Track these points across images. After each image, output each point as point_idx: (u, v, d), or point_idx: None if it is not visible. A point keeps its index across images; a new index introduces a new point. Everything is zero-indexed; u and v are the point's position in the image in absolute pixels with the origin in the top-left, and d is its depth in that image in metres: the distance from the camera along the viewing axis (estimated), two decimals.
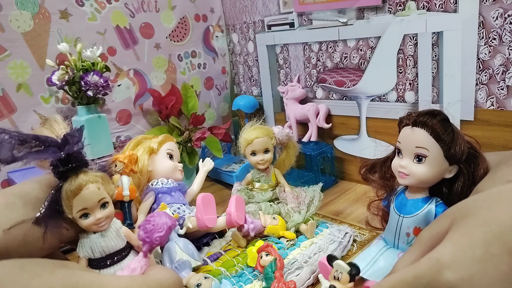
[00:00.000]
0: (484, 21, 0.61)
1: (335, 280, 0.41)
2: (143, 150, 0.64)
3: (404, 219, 0.49)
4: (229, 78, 1.12)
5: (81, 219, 0.44)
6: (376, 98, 0.78)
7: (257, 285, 0.50)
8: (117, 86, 0.88)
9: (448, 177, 0.47)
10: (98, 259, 0.46)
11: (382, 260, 0.50)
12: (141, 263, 0.41)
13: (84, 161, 0.44)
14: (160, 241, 0.41)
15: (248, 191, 0.70)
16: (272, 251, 0.50)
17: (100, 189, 0.45)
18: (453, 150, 0.45)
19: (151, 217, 0.42)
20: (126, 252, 0.48)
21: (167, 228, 0.41)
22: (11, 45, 0.72)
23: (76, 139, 0.43)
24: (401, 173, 0.48)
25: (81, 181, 0.43)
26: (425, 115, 0.46)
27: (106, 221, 0.46)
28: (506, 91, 0.61)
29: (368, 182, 0.57)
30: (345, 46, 0.80)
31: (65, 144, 0.42)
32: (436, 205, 0.47)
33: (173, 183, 0.65)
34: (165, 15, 0.95)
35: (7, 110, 0.74)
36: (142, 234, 0.41)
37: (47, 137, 0.42)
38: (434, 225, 0.36)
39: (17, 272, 0.32)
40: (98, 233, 0.46)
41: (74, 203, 0.43)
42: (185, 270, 0.50)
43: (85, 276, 0.34)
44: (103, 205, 0.45)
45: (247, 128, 0.68)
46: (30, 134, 0.40)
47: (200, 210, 0.56)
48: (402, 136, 0.48)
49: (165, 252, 0.54)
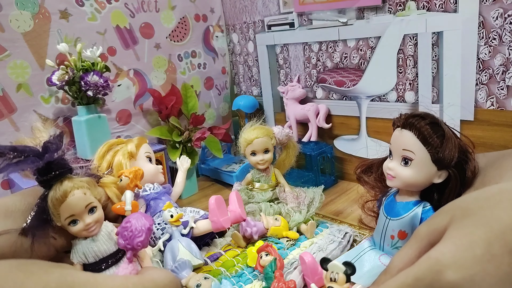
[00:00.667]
0: (484, 21, 0.61)
1: (331, 281, 0.40)
2: (122, 155, 0.62)
3: (390, 221, 0.49)
4: (229, 78, 1.12)
5: (70, 226, 0.44)
6: (376, 98, 0.78)
7: (257, 285, 0.50)
8: (117, 86, 0.88)
9: (437, 182, 0.45)
10: (93, 264, 0.45)
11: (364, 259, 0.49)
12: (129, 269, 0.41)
13: (67, 167, 0.44)
14: (142, 245, 0.40)
15: (248, 191, 0.70)
16: (271, 251, 0.50)
17: (86, 194, 0.44)
18: (441, 154, 0.43)
19: (127, 222, 0.41)
20: (121, 254, 0.48)
21: (146, 231, 0.40)
22: (11, 45, 0.72)
23: (55, 146, 0.42)
24: (389, 175, 0.47)
25: (66, 188, 0.42)
26: (414, 117, 0.45)
27: (95, 226, 0.45)
28: (506, 91, 0.61)
29: (361, 182, 0.57)
30: (345, 46, 0.80)
31: (45, 153, 0.42)
32: (423, 210, 0.46)
33: (159, 187, 0.64)
34: (165, 15, 0.95)
35: (7, 110, 0.74)
36: (122, 242, 0.40)
37: (25, 146, 0.41)
38: (432, 221, 0.35)
39: (13, 271, 0.32)
40: (89, 238, 0.45)
41: (61, 211, 0.43)
42: (186, 270, 0.50)
43: (80, 275, 0.34)
44: (91, 210, 0.45)
45: (247, 128, 0.68)
46: (8, 145, 0.40)
47: (216, 213, 0.56)
48: (392, 138, 0.47)
49: (168, 251, 0.54)
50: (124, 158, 0.62)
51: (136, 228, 0.40)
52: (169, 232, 0.56)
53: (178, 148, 0.86)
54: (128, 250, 0.40)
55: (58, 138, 0.44)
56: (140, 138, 0.68)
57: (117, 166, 0.61)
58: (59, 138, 0.44)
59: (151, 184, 0.64)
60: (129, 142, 0.65)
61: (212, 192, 0.90)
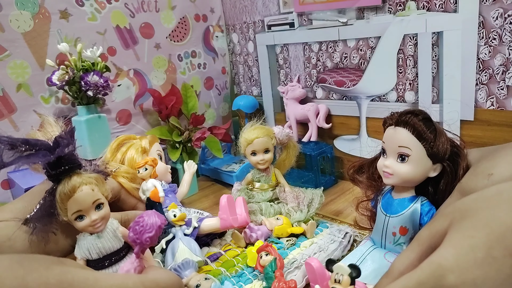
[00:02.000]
0: (484, 21, 0.61)
1: (336, 283, 0.40)
2: (135, 150, 0.64)
3: (390, 218, 0.49)
4: (229, 78, 1.12)
5: (76, 221, 0.44)
6: (376, 98, 0.78)
7: (257, 285, 0.50)
8: (117, 86, 0.88)
9: (432, 175, 0.47)
10: (96, 260, 0.46)
11: (370, 260, 0.50)
12: (134, 264, 0.41)
13: (77, 163, 0.44)
14: (151, 241, 0.41)
15: (248, 191, 0.70)
16: (271, 250, 0.50)
17: (94, 191, 0.44)
18: (435, 148, 0.45)
19: (140, 218, 0.42)
20: (124, 252, 0.48)
21: (156, 228, 0.41)
22: (11, 45, 0.72)
23: (66, 141, 0.43)
24: (386, 173, 0.48)
25: (75, 183, 0.43)
26: (407, 114, 0.46)
27: (101, 222, 0.45)
28: (506, 91, 0.61)
29: (355, 182, 0.57)
30: (345, 46, 0.80)
31: (56, 147, 0.42)
32: (422, 204, 0.48)
33: (166, 185, 0.64)
34: (165, 15, 0.95)
35: (7, 110, 0.74)
36: (132, 235, 0.41)
37: (37, 140, 0.42)
38: (433, 224, 0.36)
39: (14, 267, 0.32)
40: (95, 234, 0.46)
41: (68, 206, 0.43)
42: (189, 269, 0.50)
43: (80, 273, 0.35)
44: (98, 206, 0.45)
45: (247, 128, 0.68)
46: (20, 138, 0.40)
47: (226, 211, 0.56)
48: (386, 136, 0.48)
49: (169, 250, 0.54)
50: (137, 153, 0.63)
51: (147, 224, 0.41)
52: (173, 232, 0.56)
53: (178, 148, 0.87)
54: (136, 244, 0.41)
55: (70, 133, 0.44)
56: (153, 136, 0.69)
57: (129, 160, 0.63)
58: (71, 133, 0.44)
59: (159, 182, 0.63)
60: (143, 138, 0.66)
61: (212, 192, 0.90)
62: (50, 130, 0.45)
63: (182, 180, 0.70)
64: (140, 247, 0.41)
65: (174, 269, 0.50)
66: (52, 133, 0.44)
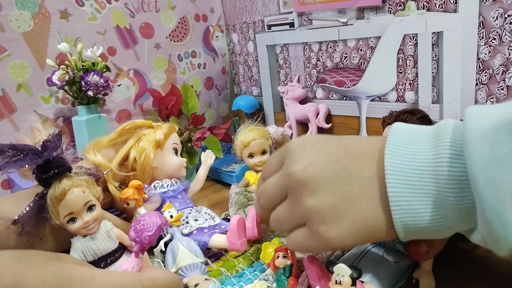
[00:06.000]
0: (484, 21, 0.61)
1: (337, 284, 0.40)
2: (148, 143, 0.59)
3: None
4: (229, 78, 1.12)
5: (68, 224, 0.44)
6: (376, 98, 0.79)
7: (258, 285, 0.50)
8: (117, 86, 0.88)
9: None
10: (92, 262, 0.46)
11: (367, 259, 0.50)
12: (133, 263, 0.41)
13: (66, 165, 0.44)
14: (150, 240, 0.41)
15: (246, 193, 0.69)
16: (291, 255, 0.48)
17: (85, 192, 0.45)
18: None
19: (141, 217, 0.43)
20: (119, 253, 0.48)
21: (157, 228, 0.42)
22: (11, 45, 0.72)
23: (53, 145, 0.43)
24: None
25: (65, 186, 0.43)
26: (405, 113, 0.47)
27: (94, 224, 0.46)
28: (506, 91, 0.61)
29: None
30: (345, 46, 0.80)
31: (44, 151, 0.42)
32: None
33: (176, 184, 0.61)
34: (165, 15, 0.95)
35: (7, 110, 0.74)
36: (133, 234, 0.42)
37: (24, 145, 0.42)
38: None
39: (12, 263, 0.32)
40: (88, 236, 0.46)
41: (60, 209, 0.43)
42: (194, 272, 0.49)
43: (78, 269, 0.35)
44: (90, 208, 0.45)
45: (242, 130, 0.67)
46: (7, 144, 0.41)
47: (235, 235, 0.53)
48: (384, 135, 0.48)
49: (169, 251, 0.54)
50: (150, 147, 0.58)
51: (148, 223, 0.41)
52: (170, 233, 0.56)
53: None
54: (136, 243, 0.42)
55: (57, 137, 0.45)
56: (171, 126, 0.63)
57: (139, 151, 0.58)
58: (58, 137, 0.45)
59: (169, 180, 0.61)
60: (158, 129, 0.60)
61: (212, 192, 0.90)
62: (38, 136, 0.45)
63: (197, 176, 0.67)
64: (139, 246, 0.41)
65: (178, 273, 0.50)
66: (40, 138, 0.45)
